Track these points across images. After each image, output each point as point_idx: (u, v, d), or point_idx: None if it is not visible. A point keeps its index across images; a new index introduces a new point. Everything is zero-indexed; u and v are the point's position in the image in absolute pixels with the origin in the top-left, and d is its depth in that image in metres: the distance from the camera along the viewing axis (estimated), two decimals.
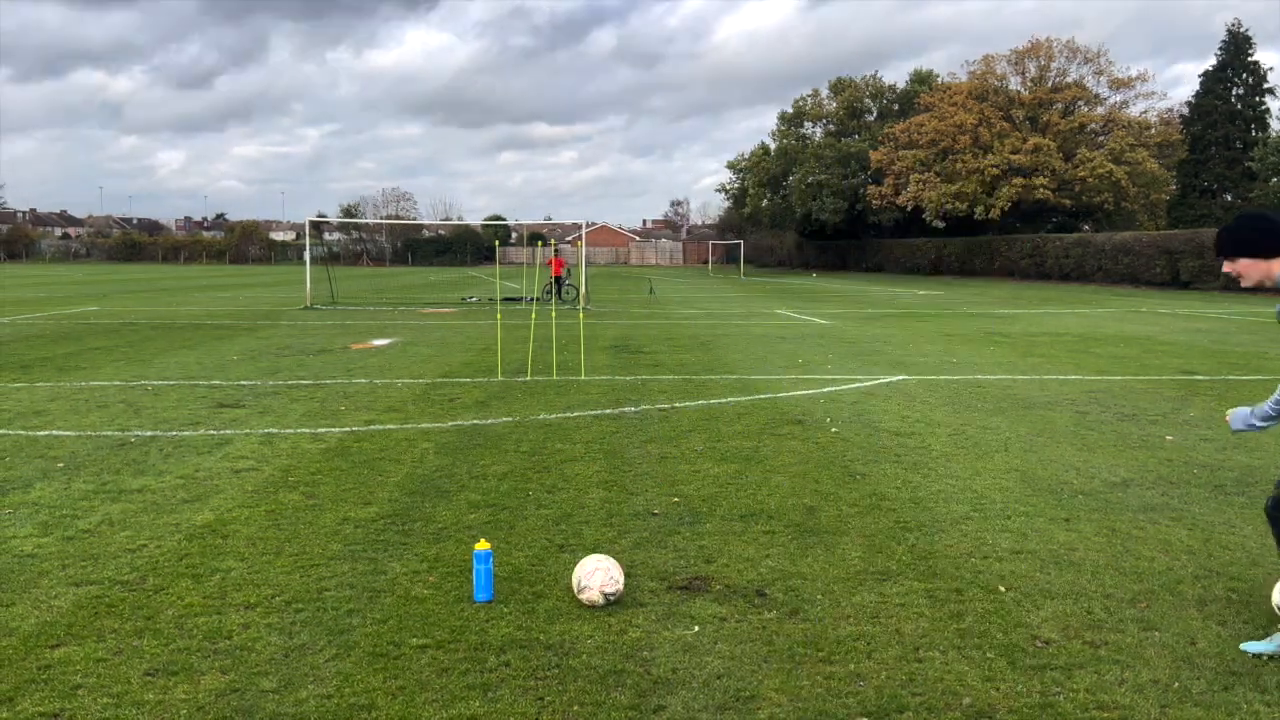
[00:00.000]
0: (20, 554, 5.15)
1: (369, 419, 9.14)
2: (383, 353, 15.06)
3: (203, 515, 5.90)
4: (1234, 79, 51.52)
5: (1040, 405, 10.13)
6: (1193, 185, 52.15)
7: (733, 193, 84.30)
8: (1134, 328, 20.60)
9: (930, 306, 28.38)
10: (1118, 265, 44.96)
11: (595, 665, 3.88)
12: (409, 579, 4.82)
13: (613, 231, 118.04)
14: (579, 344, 15.32)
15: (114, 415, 9.26)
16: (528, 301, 29.53)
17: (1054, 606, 4.52)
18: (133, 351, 14.92)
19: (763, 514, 5.99)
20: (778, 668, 3.88)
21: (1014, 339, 17.83)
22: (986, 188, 55.12)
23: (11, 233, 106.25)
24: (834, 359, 14.29)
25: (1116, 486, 6.74)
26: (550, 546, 5.35)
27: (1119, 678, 3.79)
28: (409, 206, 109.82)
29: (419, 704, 3.55)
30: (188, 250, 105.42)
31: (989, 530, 5.69)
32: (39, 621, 4.26)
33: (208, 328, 19.52)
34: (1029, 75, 58.11)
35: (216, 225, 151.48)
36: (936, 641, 4.13)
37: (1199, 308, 28.17)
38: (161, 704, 3.54)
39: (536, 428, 8.75)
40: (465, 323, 21.44)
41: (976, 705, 3.58)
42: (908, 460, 7.50)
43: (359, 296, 32.76)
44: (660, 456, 7.57)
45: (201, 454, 7.58)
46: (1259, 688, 3.71)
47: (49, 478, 6.80)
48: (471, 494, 6.44)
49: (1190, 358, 14.68)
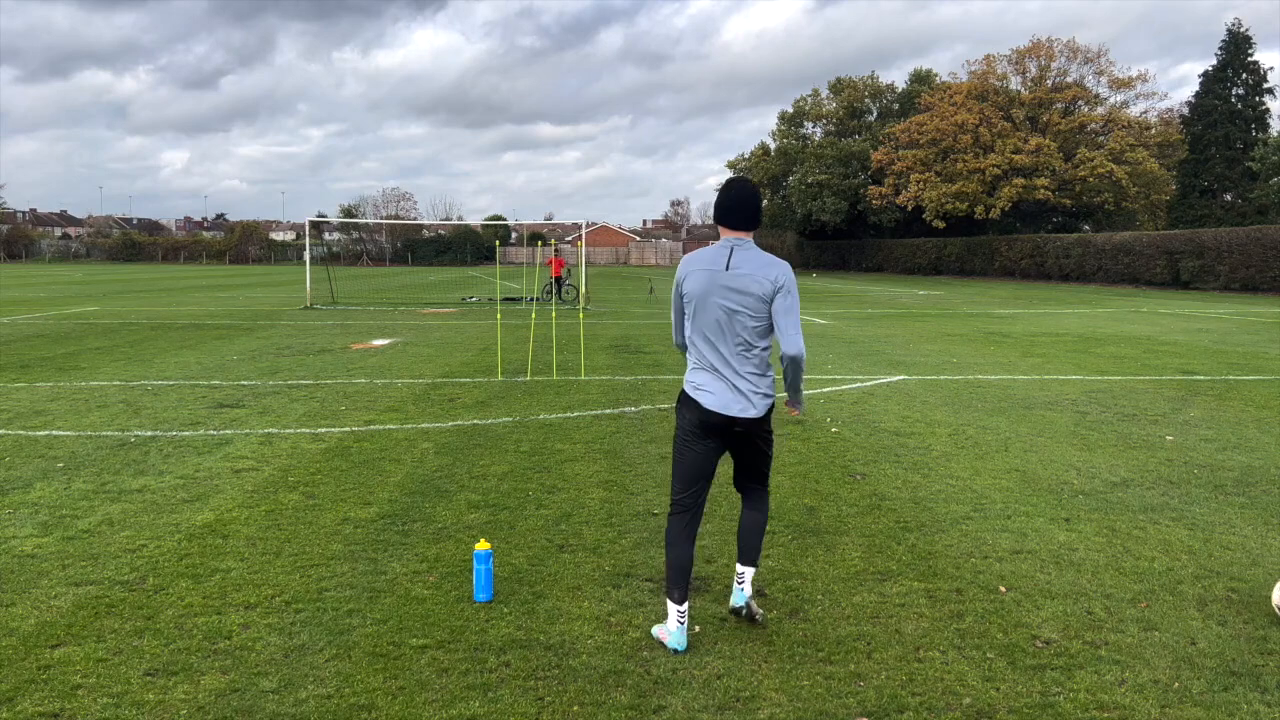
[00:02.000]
0: (20, 554, 5.15)
1: (369, 419, 9.14)
2: (383, 353, 15.06)
3: (203, 515, 5.90)
4: (1234, 79, 51.52)
5: (1040, 405, 10.13)
6: (1193, 185, 52.15)
7: None
8: (1134, 328, 20.59)
9: (930, 306, 28.37)
10: (1118, 265, 44.97)
11: (595, 665, 3.88)
12: (409, 579, 4.82)
13: (613, 231, 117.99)
14: (579, 344, 15.32)
15: (114, 415, 9.26)
16: (528, 301, 29.53)
17: (1054, 606, 4.52)
18: (133, 351, 14.92)
19: None
20: (778, 668, 3.88)
21: (1014, 339, 17.82)
22: (987, 188, 55.15)
23: (11, 233, 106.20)
24: (834, 359, 14.28)
25: (1116, 486, 6.74)
26: (550, 546, 5.35)
27: (1119, 678, 3.79)
28: (409, 206, 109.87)
29: (419, 704, 3.55)
30: (188, 250, 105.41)
31: (989, 530, 5.69)
32: (39, 621, 4.26)
33: (208, 328, 19.52)
34: (1029, 75, 58.12)
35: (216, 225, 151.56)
36: (936, 641, 4.13)
37: (1199, 308, 28.16)
38: (161, 704, 3.54)
39: (536, 428, 8.75)
40: (465, 323, 21.44)
41: (976, 705, 3.58)
42: (908, 460, 7.50)
43: (359, 296, 32.76)
44: (660, 456, 7.57)
45: (201, 454, 7.58)
46: (1259, 688, 3.71)
47: (49, 478, 6.80)
48: (471, 494, 6.44)
49: (1190, 358, 14.68)
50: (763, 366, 4.12)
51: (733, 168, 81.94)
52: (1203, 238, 40.42)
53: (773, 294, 3.99)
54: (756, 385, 4.09)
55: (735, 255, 4.04)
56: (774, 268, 4.03)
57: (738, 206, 4.09)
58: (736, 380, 4.06)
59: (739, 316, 4.01)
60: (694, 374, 4.16)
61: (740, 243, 4.07)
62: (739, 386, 4.06)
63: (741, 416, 4.07)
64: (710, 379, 4.10)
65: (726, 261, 4.04)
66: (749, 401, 4.07)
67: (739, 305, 4.00)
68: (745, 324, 4.02)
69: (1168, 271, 41.65)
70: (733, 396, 4.06)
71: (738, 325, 4.02)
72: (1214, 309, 27.48)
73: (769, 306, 4.01)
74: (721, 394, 4.06)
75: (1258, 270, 37.57)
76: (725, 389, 4.07)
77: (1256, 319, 23.21)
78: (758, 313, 4.01)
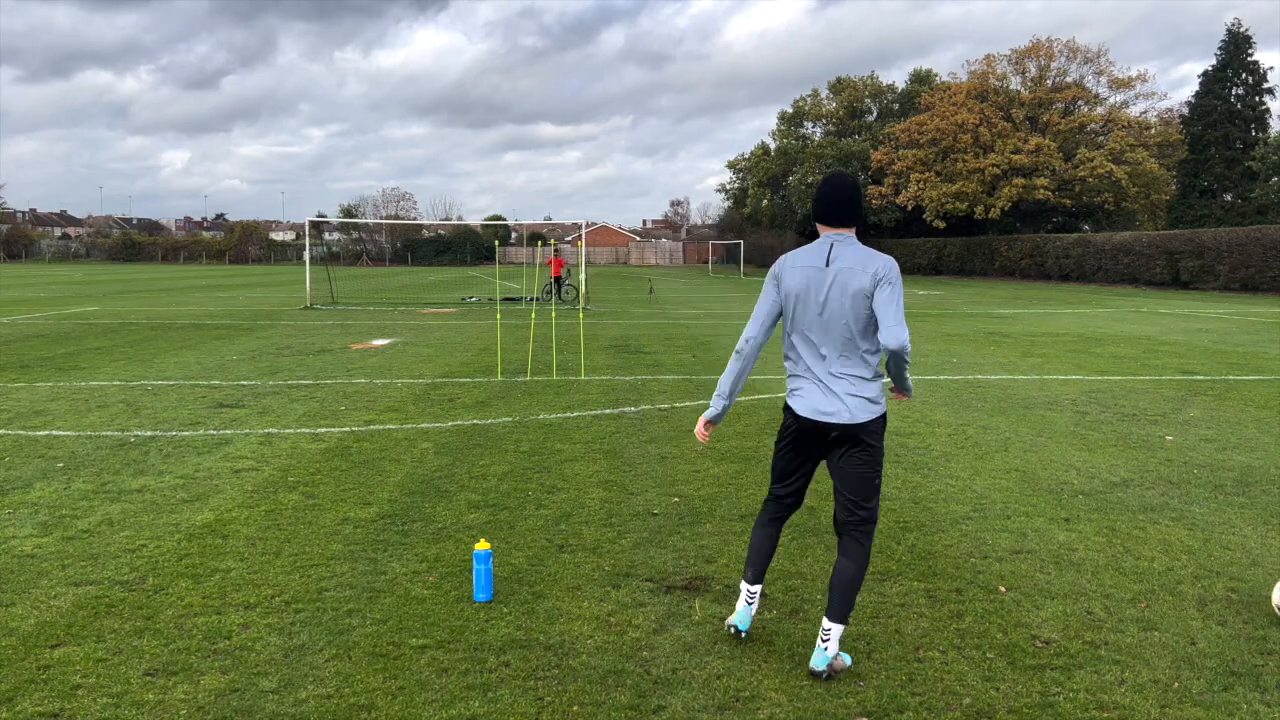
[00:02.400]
0: (20, 554, 5.15)
1: (369, 419, 9.14)
2: (383, 353, 15.06)
3: (202, 515, 5.89)
4: (1234, 79, 51.50)
5: (1040, 405, 10.13)
6: (1193, 185, 52.15)
7: (733, 193, 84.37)
8: (1134, 328, 20.59)
9: (930, 306, 28.37)
10: (1118, 265, 44.97)
11: (595, 665, 3.88)
12: (409, 579, 4.82)
13: (613, 231, 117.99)
14: (579, 344, 15.32)
15: (114, 415, 9.26)
16: (528, 301, 29.53)
17: (1054, 606, 4.52)
18: (133, 351, 14.92)
19: None
20: (778, 668, 3.88)
21: (1014, 339, 17.82)
22: (987, 187, 55.14)
23: (11, 233, 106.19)
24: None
25: (1116, 486, 6.74)
26: (550, 546, 5.35)
27: (1119, 678, 3.79)
28: (409, 206, 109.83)
29: (419, 704, 3.55)
30: (187, 250, 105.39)
31: (989, 530, 5.69)
32: (39, 621, 4.26)
33: (208, 328, 19.52)
34: (1029, 75, 58.12)
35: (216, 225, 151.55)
36: (936, 641, 4.13)
37: (1199, 308, 28.16)
38: (161, 704, 3.54)
39: (536, 428, 8.75)
40: (465, 323, 21.44)
41: (976, 705, 3.58)
42: (908, 460, 7.50)
43: (359, 296, 32.76)
44: (660, 456, 7.57)
45: (201, 454, 7.58)
46: (1259, 688, 3.71)
47: (49, 478, 6.79)
48: (471, 494, 6.44)
49: (1190, 358, 14.68)
50: (865, 369, 3.87)
51: (733, 168, 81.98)
52: (1202, 238, 40.42)
53: (873, 288, 3.79)
54: (855, 388, 3.86)
55: (835, 250, 3.88)
56: (875, 261, 3.83)
57: (835, 201, 3.92)
58: (831, 382, 3.88)
59: (840, 314, 3.82)
60: (791, 378, 4.02)
61: (840, 238, 3.91)
62: (834, 389, 3.87)
63: (833, 422, 3.86)
64: (805, 382, 3.95)
65: (826, 257, 3.88)
66: (843, 404, 3.85)
67: (840, 302, 3.82)
68: (846, 322, 3.82)
69: (1167, 271, 41.65)
70: (825, 399, 3.89)
71: (839, 324, 3.83)
72: (1214, 309, 27.48)
73: (871, 302, 3.80)
74: (813, 397, 3.91)
75: (1257, 270, 37.57)
76: (818, 391, 3.91)
77: (1256, 319, 23.21)
78: (860, 310, 3.80)
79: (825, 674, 3.79)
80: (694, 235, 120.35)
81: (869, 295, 3.80)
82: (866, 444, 3.89)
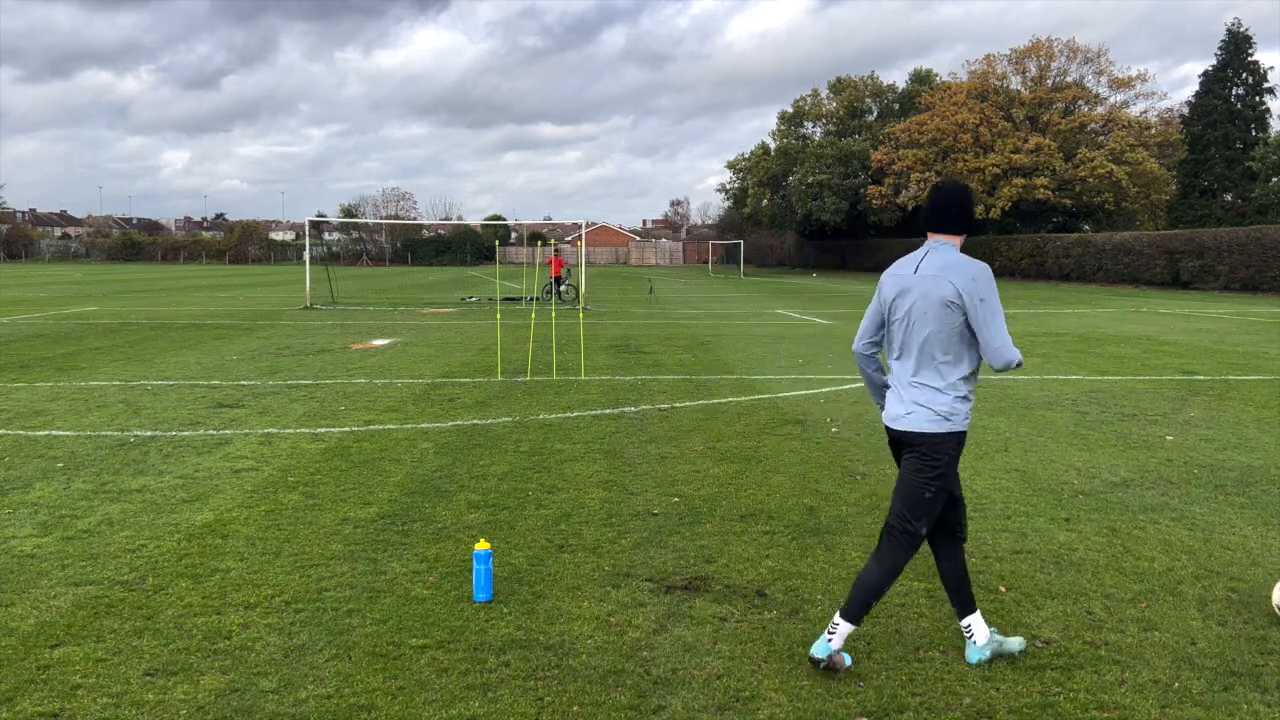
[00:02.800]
0: (20, 554, 5.15)
1: (369, 419, 9.14)
2: (382, 353, 15.06)
3: (202, 515, 5.89)
4: (1234, 79, 51.54)
5: (1040, 405, 10.13)
6: (1193, 185, 52.17)
7: (733, 193, 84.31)
8: (1134, 328, 20.59)
9: None
10: (1118, 265, 44.97)
11: (595, 665, 3.88)
12: (409, 579, 4.82)
13: (613, 231, 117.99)
14: (579, 344, 15.32)
15: (114, 415, 9.26)
16: (527, 301, 29.54)
17: (1054, 606, 4.51)
18: (132, 351, 14.92)
19: (763, 514, 5.99)
20: (778, 668, 3.87)
21: (1014, 339, 17.77)
22: (987, 187, 55.14)
23: (11, 233, 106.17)
24: (834, 359, 14.29)
25: (1116, 486, 6.74)
26: (550, 546, 5.35)
27: (1119, 678, 3.79)
28: (409, 206, 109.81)
29: (419, 704, 3.55)
30: (187, 250, 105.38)
31: (989, 530, 5.69)
32: (39, 621, 4.26)
33: (207, 328, 19.52)
34: (1029, 75, 58.13)
35: (216, 225, 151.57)
36: (936, 641, 4.13)
37: (1199, 308, 28.16)
38: (161, 704, 3.54)
39: (536, 428, 8.75)
40: (465, 323, 21.44)
41: (976, 705, 3.57)
42: None
43: (359, 296, 32.76)
44: (660, 456, 7.57)
45: (201, 454, 7.58)
46: (1259, 688, 3.71)
47: (49, 478, 6.79)
48: (471, 494, 6.44)
49: (1190, 358, 14.68)
50: (944, 382, 3.78)
51: (733, 168, 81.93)
52: (1203, 238, 40.43)
53: (957, 297, 3.71)
54: (924, 398, 3.79)
55: (927, 258, 3.85)
56: (955, 270, 3.75)
57: (931, 206, 3.90)
58: (905, 389, 3.85)
59: (922, 323, 3.78)
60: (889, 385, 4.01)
61: (936, 245, 3.87)
62: (904, 395, 3.84)
63: (897, 428, 3.84)
64: (892, 389, 3.94)
65: (917, 265, 3.86)
66: (909, 412, 3.81)
67: (922, 311, 3.77)
68: (927, 332, 3.77)
69: (1168, 271, 41.65)
70: (898, 405, 3.86)
71: (920, 332, 3.79)
72: (1214, 309, 27.48)
73: (954, 314, 3.73)
74: (892, 403, 3.90)
75: (1257, 270, 37.57)
76: (895, 398, 3.89)
77: (1256, 319, 23.21)
78: (941, 319, 3.73)
79: (823, 663, 3.78)
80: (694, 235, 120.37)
81: (949, 305, 3.74)
82: (924, 455, 3.79)
